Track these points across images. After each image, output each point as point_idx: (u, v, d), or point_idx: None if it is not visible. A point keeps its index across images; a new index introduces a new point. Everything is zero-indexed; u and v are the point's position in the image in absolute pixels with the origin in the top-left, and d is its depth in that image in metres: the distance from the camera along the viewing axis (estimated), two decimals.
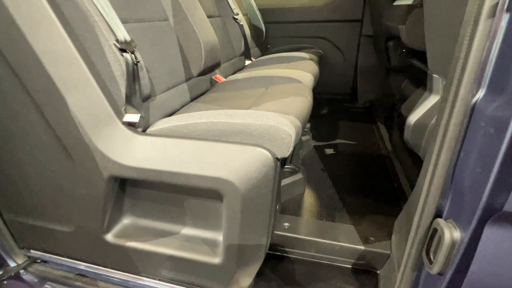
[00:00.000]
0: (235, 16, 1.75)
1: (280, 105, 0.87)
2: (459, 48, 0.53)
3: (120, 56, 0.76)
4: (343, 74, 2.44)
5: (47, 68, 0.72)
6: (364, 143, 1.73)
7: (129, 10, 0.92)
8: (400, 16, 1.22)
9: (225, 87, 1.26)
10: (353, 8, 2.23)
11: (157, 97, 0.97)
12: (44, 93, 0.76)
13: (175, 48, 1.13)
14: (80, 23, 0.73)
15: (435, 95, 1.06)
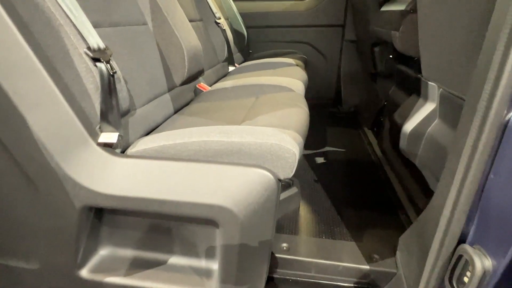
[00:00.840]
0: (217, 20, 1.66)
1: (277, 118, 0.79)
2: (486, 63, 0.48)
3: (93, 66, 0.65)
4: (326, 79, 2.42)
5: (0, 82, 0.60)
6: (353, 149, 1.69)
7: (101, 13, 0.80)
8: (392, 22, 1.19)
9: (211, 97, 1.16)
10: (335, 13, 2.22)
11: (137, 111, 0.86)
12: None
13: (155, 54, 1.02)
14: (42, 27, 0.61)
15: (431, 102, 1.04)
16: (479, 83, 0.49)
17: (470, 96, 0.52)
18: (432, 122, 1.02)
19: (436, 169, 0.96)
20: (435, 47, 0.92)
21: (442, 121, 0.97)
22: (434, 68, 0.96)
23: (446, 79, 0.89)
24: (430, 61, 0.98)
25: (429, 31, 0.94)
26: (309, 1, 2.29)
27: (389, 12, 1.27)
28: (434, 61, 0.95)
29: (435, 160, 0.95)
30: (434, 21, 0.89)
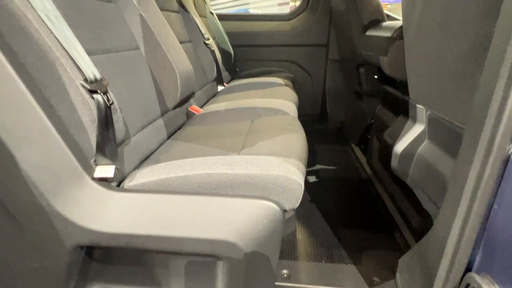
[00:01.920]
0: (206, 41, 1.66)
1: (278, 146, 0.78)
2: (486, 96, 0.50)
3: (90, 98, 0.62)
4: (312, 96, 2.47)
5: None
6: (343, 167, 1.72)
7: (95, 40, 0.78)
8: (379, 47, 1.25)
9: (205, 120, 1.14)
10: (319, 33, 2.29)
11: (131, 139, 0.83)
12: None
13: (148, 80, 1.00)
14: (35, 59, 0.58)
15: (419, 124, 1.08)
16: (480, 115, 0.51)
17: (471, 128, 0.54)
18: (422, 142, 1.05)
19: (427, 189, 0.98)
20: (422, 73, 0.96)
21: (431, 142, 1.01)
22: (422, 92, 1.00)
23: (434, 103, 0.93)
24: (417, 85, 1.02)
25: (416, 57, 0.98)
26: (294, 22, 2.36)
27: (374, 37, 1.33)
28: (421, 86, 0.99)
29: (426, 179, 0.98)
30: (421, 48, 0.94)
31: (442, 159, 0.90)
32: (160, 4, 1.28)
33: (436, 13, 0.81)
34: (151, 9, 1.09)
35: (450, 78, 0.79)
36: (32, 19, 0.56)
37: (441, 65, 0.83)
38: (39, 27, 0.57)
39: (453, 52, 0.75)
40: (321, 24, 2.27)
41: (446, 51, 0.78)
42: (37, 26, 0.56)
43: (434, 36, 0.83)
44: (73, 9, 0.73)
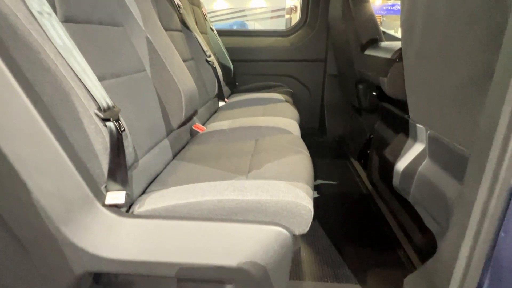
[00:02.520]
0: (207, 58, 1.69)
1: (284, 168, 0.80)
2: (491, 125, 0.52)
3: (103, 126, 0.63)
4: (310, 109, 2.50)
5: (1, 146, 0.56)
6: (343, 182, 1.74)
7: (105, 65, 0.79)
8: (379, 68, 1.28)
9: (209, 139, 1.15)
10: (317, 49, 2.34)
11: (139, 162, 0.83)
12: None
13: (154, 101, 1.01)
14: (51, 89, 0.59)
15: (420, 143, 1.10)
16: (485, 144, 0.53)
17: (476, 156, 0.56)
18: (422, 161, 1.08)
19: (429, 207, 1.00)
20: (423, 95, 0.99)
21: (432, 160, 1.03)
22: (422, 112, 1.03)
23: (435, 124, 0.96)
24: (417, 106, 1.05)
25: (416, 80, 1.01)
26: (292, 38, 2.41)
27: (374, 57, 1.37)
28: (422, 107, 1.02)
29: (428, 198, 1.00)
30: (420, 72, 0.97)
31: (444, 178, 0.92)
32: (165, 25, 1.30)
33: (435, 40, 0.84)
34: (157, 31, 1.12)
35: (451, 102, 0.82)
36: (49, 52, 0.57)
37: (441, 90, 0.85)
38: (55, 59, 0.58)
39: (453, 79, 0.78)
40: (319, 40, 2.32)
41: (446, 77, 0.81)
42: (53, 58, 0.58)
43: (434, 61, 0.86)
44: (85, 37, 0.75)
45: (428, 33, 0.88)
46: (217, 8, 9.89)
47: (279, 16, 9.63)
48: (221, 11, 9.79)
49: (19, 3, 0.56)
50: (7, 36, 0.54)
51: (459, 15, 0.72)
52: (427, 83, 0.94)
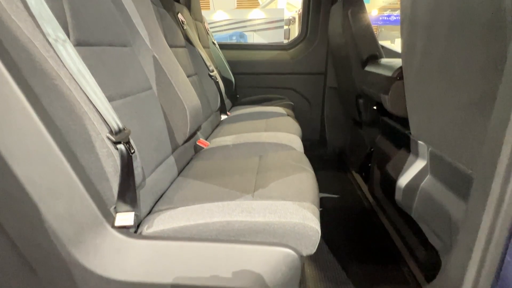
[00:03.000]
0: (210, 73, 1.72)
1: (290, 187, 0.81)
2: (495, 148, 0.53)
3: (114, 149, 0.64)
4: (311, 121, 2.53)
5: (15, 170, 0.57)
6: (345, 195, 1.74)
7: (114, 86, 0.81)
8: (379, 85, 1.31)
9: (213, 155, 1.17)
10: (317, 62, 2.38)
11: (146, 180, 0.84)
12: (4, 198, 0.59)
13: (160, 118, 1.03)
14: (65, 114, 0.60)
15: (422, 159, 1.12)
16: (490, 168, 0.54)
17: (481, 179, 0.57)
18: (424, 177, 1.09)
19: (432, 224, 1.01)
20: (424, 113, 1.01)
21: (434, 177, 1.04)
22: (424, 130, 1.05)
23: (436, 142, 0.98)
24: (419, 123, 1.07)
25: (417, 99, 1.04)
26: (293, 51, 2.45)
27: (374, 74, 1.40)
28: (423, 125, 1.04)
29: (431, 215, 1.01)
30: (421, 91, 0.99)
31: (446, 196, 0.94)
32: (170, 42, 1.33)
33: (436, 62, 0.87)
34: (163, 49, 1.14)
35: (453, 122, 0.84)
36: (64, 78, 0.59)
37: (443, 110, 0.87)
38: (70, 85, 0.59)
39: (454, 100, 0.80)
40: (319, 53, 2.36)
41: (448, 98, 0.83)
42: (68, 84, 0.59)
43: (435, 82, 0.88)
44: (96, 59, 0.76)
45: (429, 54, 0.90)
46: (217, 19, 10.05)
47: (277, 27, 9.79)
48: (220, 22, 9.94)
49: (37, 32, 0.57)
50: (24, 63, 0.56)
51: (459, 41, 0.74)
52: (428, 102, 0.96)
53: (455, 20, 0.74)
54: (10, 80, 0.54)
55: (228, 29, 9.78)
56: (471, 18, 0.68)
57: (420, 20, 0.92)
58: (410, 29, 0.99)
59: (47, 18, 0.59)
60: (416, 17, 0.95)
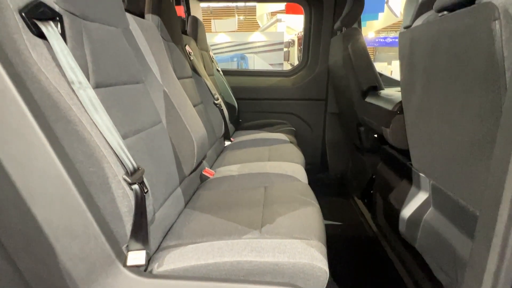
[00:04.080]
0: (215, 101, 1.77)
1: (297, 223, 0.83)
2: (499, 183, 0.54)
3: (130, 190, 0.66)
4: (312, 145, 2.57)
5: (34, 212, 0.59)
6: (348, 222, 1.75)
7: (128, 124, 0.84)
8: (381, 118, 1.35)
9: (219, 186, 1.19)
10: (318, 88, 2.45)
11: (155, 215, 0.86)
12: (21, 240, 0.61)
13: (169, 151, 1.06)
14: (84, 157, 0.63)
15: (424, 192, 1.14)
16: (493, 209, 0.56)
17: (485, 219, 0.59)
18: (427, 210, 1.11)
19: (436, 257, 1.01)
20: (425, 147, 1.04)
21: (437, 210, 1.06)
22: (425, 164, 1.08)
23: (438, 177, 1.00)
24: (420, 157, 1.10)
25: (418, 134, 1.07)
26: (294, 78, 2.53)
27: (375, 106, 1.45)
28: (424, 159, 1.07)
29: (435, 248, 1.01)
30: (422, 128, 1.03)
31: (450, 230, 0.95)
32: (178, 74, 1.39)
33: (435, 101, 0.91)
34: (172, 83, 1.19)
35: (454, 160, 0.86)
36: (85, 124, 0.62)
37: (444, 147, 0.90)
38: (91, 130, 0.63)
39: (454, 139, 0.83)
40: (319, 80, 2.44)
41: (448, 136, 0.86)
42: (89, 129, 0.62)
43: (435, 120, 0.92)
44: (112, 99, 0.80)
45: (427, 94, 0.95)
46: (219, 41, 10.37)
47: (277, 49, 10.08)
48: (222, 44, 10.24)
49: (62, 80, 0.61)
50: (50, 111, 0.59)
51: (456, 85, 0.79)
52: (429, 138, 0.99)
53: (451, 65, 0.79)
54: (35, 126, 0.57)
55: (230, 51, 10.07)
56: (466, 66, 0.73)
57: (418, 61, 0.97)
58: (409, 68, 1.05)
59: (71, 66, 0.63)
60: (414, 57, 1.00)
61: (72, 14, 0.69)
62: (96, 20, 0.79)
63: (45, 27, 0.61)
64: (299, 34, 8.76)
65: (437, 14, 0.88)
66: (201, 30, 2.10)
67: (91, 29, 0.76)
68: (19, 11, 0.57)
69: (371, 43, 13.30)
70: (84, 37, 0.73)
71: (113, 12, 0.88)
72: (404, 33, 1.05)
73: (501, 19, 0.60)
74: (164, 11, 1.35)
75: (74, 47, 0.69)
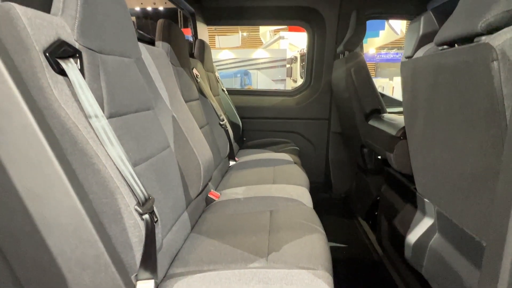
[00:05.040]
0: (221, 122, 1.80)
1: (303, 251, 0.83)
2: (505, 212, 0.55)
3: (141, 220, 0.68)
4: (315, 164, 2.58)
5: (49, 243, 0.60)
6: (353, 245, 1.73)
7: (139, 152, 0.86)
8: (384, 142, 1.37)
9: (225, 210, 1.20)
10: (321, 108, 2.49)
11: (163, 241, 0.87)
12: (34, 270, 0.62)
13: (176, 176, 1.08)
14: (98, 188, 0.65)
15: (429, 217, 1.14)
16: (499, 238, 0.57)
17: (492, 249, 0.59)
18: (433, 235, 1.10)
19: (443, 284, 1.00)
20: (429, 174, 1.05)
21: (443, 236, 1.06)
22: (430, 190, 1.08)
23: (443, 204, 1.00)
24: (424, 183, 1.11)
25: (421, 161, 1.08)
26: (297, 98, 2.58)
27: (378, 130, 1.47)
28: (429, 185, 1.08)
29: (441, 276, 1.01)
30: (425, 151, 1.04)
31: (456, 258, 0.94)
32: (186, 98, 1.43)
33: (438, 131, 0.93)
34: (180, 108, 1.22)
35: (458, 189, 0.87)
36: (101, 156, 0.64)
37: (448, 175, 0.91)
38: (106, 162, 0.65)
39: (458, 170, 0.85)
40: (322, 100, 2.48)
41: (451, 165, 0.88)
42: (104, 162, 0.65)
43: (438, 149, 0.94)
44: (124, 128, 0.83)
45: (430, 123, 0.97)
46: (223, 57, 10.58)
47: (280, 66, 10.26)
48: (226, 61, 10.45)
49: (80, 115, 0.64)
50: (68, 144, 0.62)
51: (458, 118, 0.81)
52: (432, 165, 1.01)
53: (453, 99, 0.82)
54: (54, 159, 0.59)
55: (234, 67, 10.26)
56: (468, 101, 0.75)
57: (421, 91, 1.00)
58: (412, 96, 1.07)
59: (89, 101, 0.66)
60: (416, 86, 1.03)
61: (90, 50, 0.73)
62: (112, 53, 0.83)
63: (66, 64, 0.64)
64: (301, 51, 8.94)
65: (437, 47, 0.92)
66: (208, 52, 2.16)
67: (107, 61, 0.80)
68: (43, 51, 0.60)
69: (372, 59, 13.51)
70: (101, 70, 0.76)
71: (127, 44, 0.93)
72: (406, 63, 1.09)
73: (499, 60, 0.62)
74: (173, 38, 1.41)
75: (91, 80, 0.72)
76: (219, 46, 11.63)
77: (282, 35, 10.52)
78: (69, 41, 0.67)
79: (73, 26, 0.68)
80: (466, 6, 0.78)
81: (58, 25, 0.65)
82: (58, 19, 0.66)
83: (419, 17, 1.13)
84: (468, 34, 0.74)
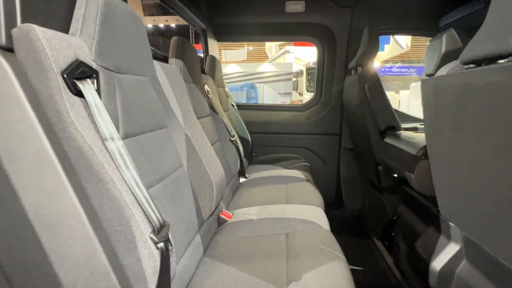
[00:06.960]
0: (231, 138, 1.77)
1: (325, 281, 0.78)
2: None
3: (156, 249, 0.64)
4: (326, 181, 2.52)
5: (60, 275, 0.57)
6: (369, 268, 1.65)
7: (153, 173, 0.83)
8: (404, 162, 1.32)
9: (238, 231, 1.15)
10: (332, 123, 2.45)
11: (175, 269, 0.82)
12: None
13: (189, 197, 1.04)
14: (112, 215, 0.61)
15: (455, 243, 1.08)
16: None
17: None
18: (460, 263, 1.04)
19: None
20: (454, 196, 1.00)
21: (471, 264, 0.99)
22: (455, 213, 1.02)
23: (471, 229, 0.94)
24: (449, 206, 1.05)
25: (445, 180, 1.03)
26: (308, 113, 2.55)
27: (396, 148, 1.42)
28: (454, 208, 1.02)
29: None
30: (450, 173, 0.99)
31: (486, 286, 0.88)
32: (198, 114, 1.41)
33: (465, 154, 0.88)
34: (193, 126, 1.20)
35: (487, 215, 0.82)
36: (116, 181, 0.61)
37: (476, 200, 0.86)
38: (121, 187, 0.62)
39: (488, 194, 0.80)
40: (333, 115, 2.45)
41: (481, 191, 0.82)
42: (119, 187, 0.61)
43: (465, 172, 0.89)
44: (138, 148, 0.80)
45: (456, 145, 0.92)
46: (230, 71, 10.71)
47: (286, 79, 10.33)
48: (233, 74, 10.57)
49: (96, 138, 0.62)
50: (83, 169, 0.59)
51: (488, 141, 0.76)
52: (458, 188, 0.95)
53: (483, 121, 0.77)
54: (68, 186, 0.56)
55: (240, 80, 10.35)
56: (501, 123, 0.71)
57: (445, 111, 0.96)
58: (434, 115, 1.03)
59: (105, 122, 0.64)
60: (440, 106, 0.99)
61: (107, 70, 0.71)
62: (128, 72, 0.82)
63: (83, 85, 0.62)
64: (307, 64, 9.00)
65: (462, 66, 0.88)
66: (218, 68, 2.16)
67: (123, 80, 0.78)
68: (61, 73, 0.58)
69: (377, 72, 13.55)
70: (117, 90, 0.74)
71: (143, 62, 0.91)
72: (427, 81, 1.05)
73: None
74: (186, 55, 1.40)
75: (107, 101, 0.70)
76: (225, 59, 11.80)
77: (288, 49, 10.64)
78: (87, 61, 0.65)
79: (91, 46, 0.67)
80: (495, 23, 0.75)
81: (77, 46, 0.64)
82: (77, 39, 0.65)
83: (440, 35, 1.10)
84: (499, 53, 0.70)
